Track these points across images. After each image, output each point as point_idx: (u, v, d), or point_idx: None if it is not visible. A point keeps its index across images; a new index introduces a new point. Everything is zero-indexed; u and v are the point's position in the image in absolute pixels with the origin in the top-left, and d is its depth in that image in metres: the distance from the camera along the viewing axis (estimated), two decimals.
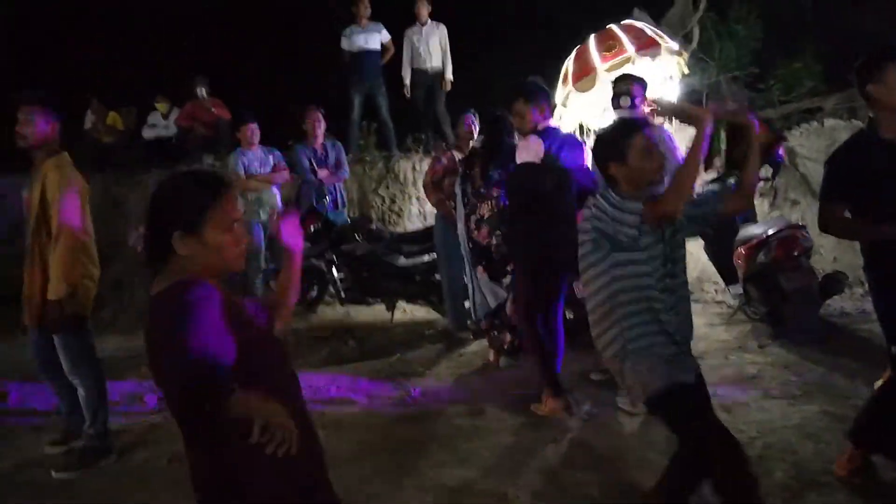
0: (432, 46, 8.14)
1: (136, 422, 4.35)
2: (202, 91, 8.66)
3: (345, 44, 8.15)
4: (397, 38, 8.25)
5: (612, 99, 4.52)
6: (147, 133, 9.17)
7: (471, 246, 4.86)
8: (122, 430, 4.17)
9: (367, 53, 8.09)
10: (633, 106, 4.38)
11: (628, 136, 2.59)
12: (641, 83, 4.53)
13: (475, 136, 5.59)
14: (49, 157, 3.66)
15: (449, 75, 8.16)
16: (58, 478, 3.68)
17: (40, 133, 3.64)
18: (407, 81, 8.23)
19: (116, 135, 9.51)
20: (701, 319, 5.74)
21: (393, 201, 7.86)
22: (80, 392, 3.81)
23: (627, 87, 4.44)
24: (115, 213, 7.58)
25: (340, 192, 6.72)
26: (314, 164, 6.50)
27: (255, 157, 6.39)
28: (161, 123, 9.17)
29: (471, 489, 3.28)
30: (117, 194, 7.88)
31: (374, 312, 6.39)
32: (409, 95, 8.27)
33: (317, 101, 6.75)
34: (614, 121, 3.02)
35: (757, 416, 3.80)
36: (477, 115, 5.69)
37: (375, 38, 8.13)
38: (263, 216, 6.34)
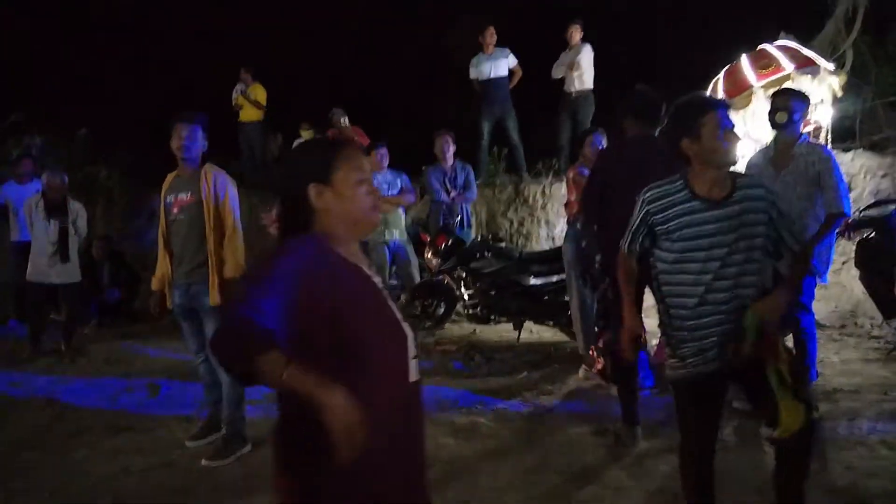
0: (580, 67, 8.13)
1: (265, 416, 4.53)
2: (344, 120, 9.12)
3: (473, 73, 8.35)
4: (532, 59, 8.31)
5: (770, 113, 4.25)
6: None
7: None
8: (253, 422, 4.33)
9: (495, 80, 8.24)
10: (791, 122, 4.08)
11: (702, 113, 2.52)
12: (802, 99, 4.22)
13: None
14: (203, 164, 4.09)
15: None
16: (205, 465, 3.89)
17: (201, 147, 4.08)
18: None
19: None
20: (855, 354, 5.31)
21: (521, 224, 7.88)
22: (225, 380, 4.05)
23: (786, 103, 4.14)
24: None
25: (467, 212, 6.84)
26: (445, 185, 6.67)
27: (385, 180, 6.62)
28: None
29: None
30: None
31: (501, 331, 6.38)
32: None
33: (448, 125, 6.95)
34: (690, 96, 2.87)
35: None
36: (605, 135, 5.60)
37: (503, 65, 8.27)
38: (389, 237, 6.54)
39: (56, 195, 6.46)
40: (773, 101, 4.26)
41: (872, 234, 5.04)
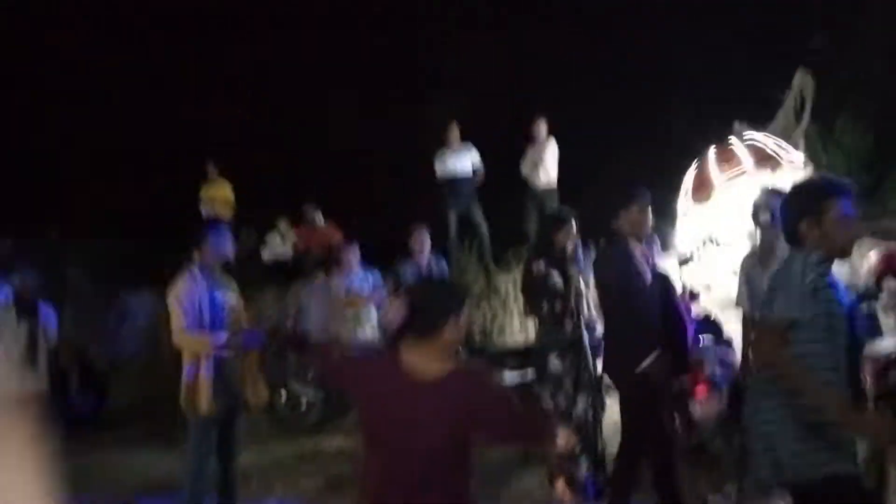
0: (545, 163, 8.37)
1: None
2: (318, 217, 9.23)
3: (438, 168, 8.58)
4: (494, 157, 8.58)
5: (752, 214, 4.39)
6: (267, 255, 9.77)
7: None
8: None
9: (459, 174, 8.51)
10: (773, 220, 4.16)
11: (829, 197, 2.40)
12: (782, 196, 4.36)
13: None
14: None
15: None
16: None
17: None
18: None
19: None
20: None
21: (495, 317, 7.92)
22: (235, 479, 4.08)
23: (767, 201, 4.26)
24: None
25: None
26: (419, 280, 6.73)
27: (356, 277, 6.67)
28: (279, 245, 9.77)
29: None
30: None
31: None
32: None
33: (419, 219, 7.08)
34: (816, 177, 2.83)
35: None
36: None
37: (467, 160, 8.52)
38: (360, 334, 6.54)
39: (27, 299, 6.37)
40: (755, 201, 4.37)
41: None
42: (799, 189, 2.59)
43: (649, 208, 4.15)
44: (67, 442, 6.91)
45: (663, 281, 4.27)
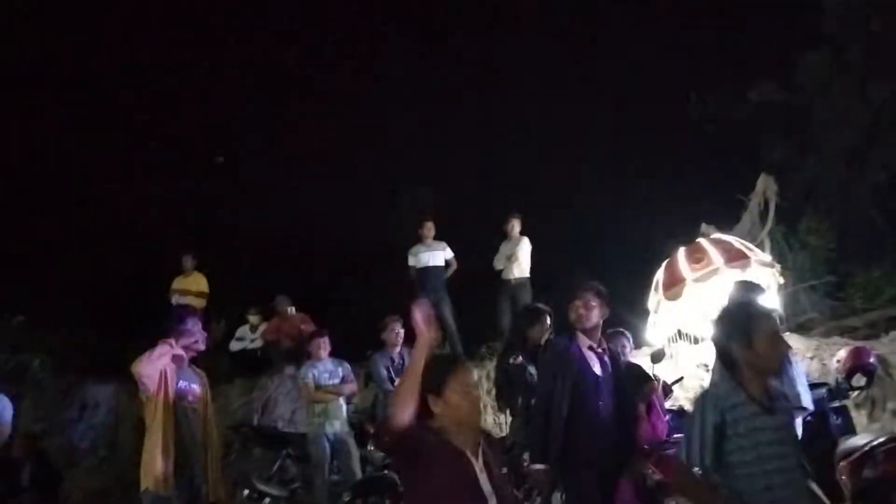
0: (518, 258, 8.51)
1: None
2: (291, 309, 9.15)
3: (412, 260, 8.72)
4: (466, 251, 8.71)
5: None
6: (234, 346, 9.60)
7: None
8: None
9: (431, 269, 8.61)
10: None
11: (759, 320, 2.57)
12: (759, 291, 4.46)
13: None
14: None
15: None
16: None
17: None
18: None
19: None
20: None
21: None
22: None
23: (746, 295, 4.28)
24: None
25: None
26: (391, 373, 6.61)
27: (325, 369, 6.56)
28: (248, 337, 9.62)
29: None
30: None
31: None
32: None
33: (389, 311, 7.02)
34: (742, 300, 2.94)
35: None
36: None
37: (439, 255, 8.69)
38: (329, 428, 6.37)
39: None
40: (732, 292, 4.42)
41: (808, 419, 5.15)
42: (727, 314, 2.75)
43: (596, 302, 4.15)
44: None
45: (619, 374, 4.24)
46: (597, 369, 4.11)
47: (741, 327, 2.56)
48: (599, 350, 4.20)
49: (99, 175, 13.06)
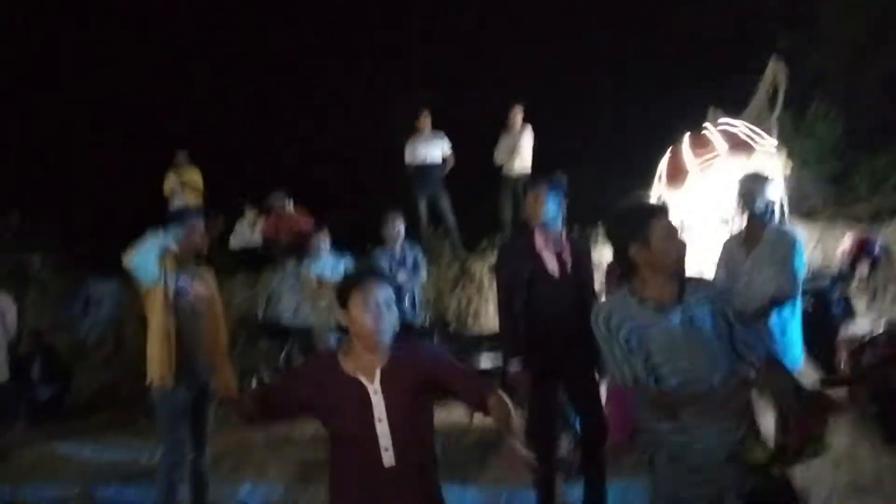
0: (521, 150, 8.29)
1: None
2: (288, 205, 9.02)
3: (408, 155, 8.49)
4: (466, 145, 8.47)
5: (738, 197, 4.19)
6: (234, 242, 9.56)
7: None
8: None
9: (429, 166, 8.45)
10: (758, 205, 4.06)
11: (652, 216, 2.47)
12: (766, 181, 4.18)
13: None
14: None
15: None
16: None
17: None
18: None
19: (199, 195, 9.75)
20: None
21: (469, 303, 7.86)
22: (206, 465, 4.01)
23: (752, 186, 4.11)
24: None
25: (415, 293, 6.77)
26: (393, 267, 6.60)
27: (327, 265, 6.55)
28: (247, 233, 9.56)
29: None
30: None
31: (453, 416, 6.23)
32: None
33: (390, 205, 6.95)
34: (632, 202, 2.82)
35: None
36: None
37: (437, 149, 8.44)
38: (333, 322, 6.40)
39: None
40: (740, 185, 4.21)
41: (810, 307, 5.18)
42: (619, 216, 2.62)
43: (548, 196, 3.84)
44: (29, 431, 6.77)
45: (583, 272, 3.99)
46: (552, 268, 3.86)
47: (638, 225, 2.45)
48: (558, 248, 3.90)
49: (100, 69, 12.68)
